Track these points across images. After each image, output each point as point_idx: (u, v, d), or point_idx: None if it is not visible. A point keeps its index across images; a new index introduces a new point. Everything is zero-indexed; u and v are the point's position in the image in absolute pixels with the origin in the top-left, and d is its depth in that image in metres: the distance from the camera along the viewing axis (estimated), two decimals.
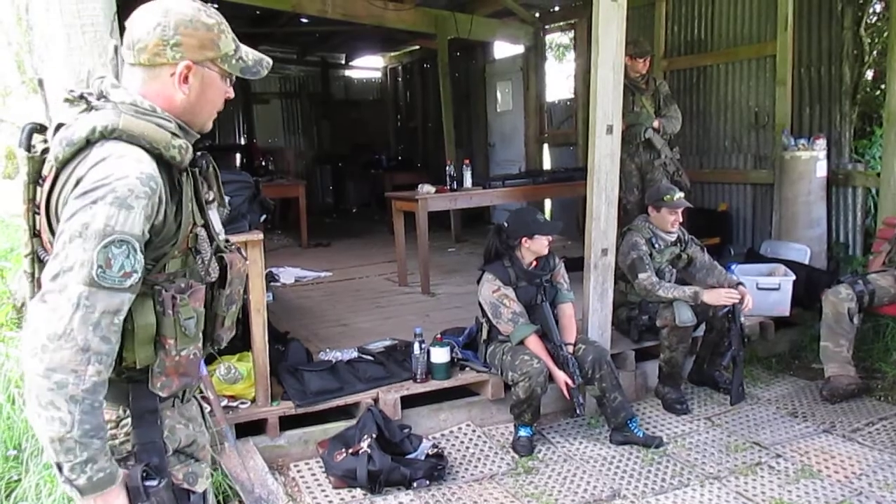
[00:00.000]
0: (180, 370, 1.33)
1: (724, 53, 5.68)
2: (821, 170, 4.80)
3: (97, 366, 1.15)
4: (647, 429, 3.43)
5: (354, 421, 3.17)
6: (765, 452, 3.21)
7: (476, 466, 3.13)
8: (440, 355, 3.40)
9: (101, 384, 1.16)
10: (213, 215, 1.42)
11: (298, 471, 3.07)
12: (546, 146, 8.07)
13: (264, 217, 3.32)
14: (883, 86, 4.83)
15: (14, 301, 3.40)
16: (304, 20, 7.61)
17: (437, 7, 7.10)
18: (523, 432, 3.27)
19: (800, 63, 5.10)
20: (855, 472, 3.00)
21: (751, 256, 5.04)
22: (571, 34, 8.09)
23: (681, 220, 3.83)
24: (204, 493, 1.45)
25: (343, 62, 11.35)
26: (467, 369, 3.54)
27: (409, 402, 3.36)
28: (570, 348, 3.29)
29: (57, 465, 1.17)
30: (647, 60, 5.02)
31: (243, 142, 10.34)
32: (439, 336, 3.57)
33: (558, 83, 9.76)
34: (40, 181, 1.27)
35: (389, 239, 6.20)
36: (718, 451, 3.23)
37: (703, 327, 3.76)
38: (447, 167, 5.61)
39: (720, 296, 3.50)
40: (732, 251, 5.24)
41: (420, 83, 10.45)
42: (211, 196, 1.41)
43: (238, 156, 9.56)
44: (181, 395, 1.41)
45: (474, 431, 3.39)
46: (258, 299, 2.99)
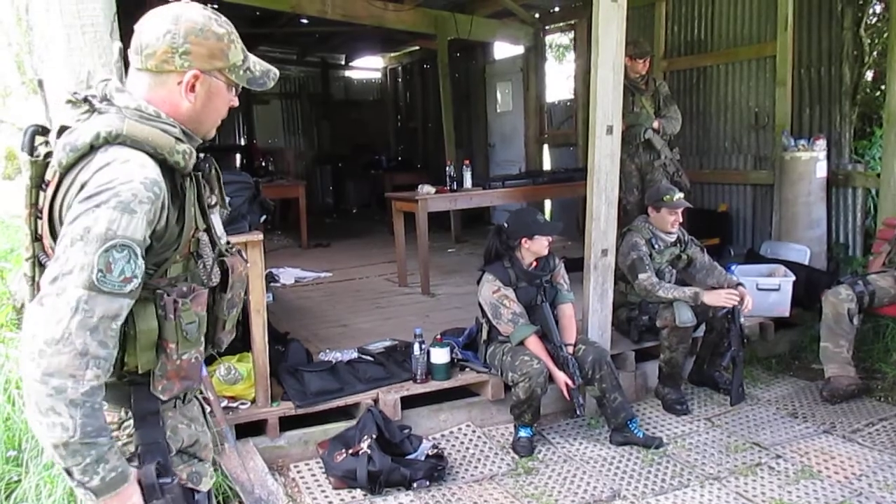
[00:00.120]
0: (181, 374, 1.32)
1: (724, 54, 5.68)
2: (821, 170, 4.80)
3: (95, 370, 1.13)
4: (647, 429, 3.43)
5: (354, 421, 3.17)
6: (765, 453, 3.21)
7: (476, 467, 3.13)
8: (440, 356, 3.40)
9: (100, 388, 1.15)
10: (216, 219, 1.41)
11: (298, 471, 3.07)
12: (546, 147, 8.08)
13: (264, 218, 3.32)
14: (883, 86, 4.83)
15: (14, 302, 3.39)
16: (304, 21, 7.61)
17: (437, 7, 7.10)
18: (523, 433, 3.27)
19: (800, 63, 5.10)
20: (855, 473, 3.00)
21: (751, 257, 5.04)
22: (571, 35, 8.10)
23: (681, 221, 3.83)
24: (208, 493, 1.45)
25: (343, 63, 11.34)
26: (467, 370, 3.54)
27: (409, 403, 3.36)
28: (570, 349, 3.29)
29: (66, 471, 1.15)
30: (647, 61, 5.02)
31: (243, 142, 10.33)
32: (439, 336, 3.57)
33: (558, 84, 9.75)
34: (43, 186, 1.26)
35: (389, 239, 6.20)
36: (718, 452, 3.23)
37: (703, 328, 3.76)
38: (447, 168, 5.61)
39: (720, 297, 3.50)
40: (732, 252, 5.23)
41: (420, 84, 10.45)
42: (213, 200, 1.40)
43: (238, 156, 9.56)
44: (182, 396, 1.41)
45: (474, 432, 3.39)
46: (258, 300, 2.99)
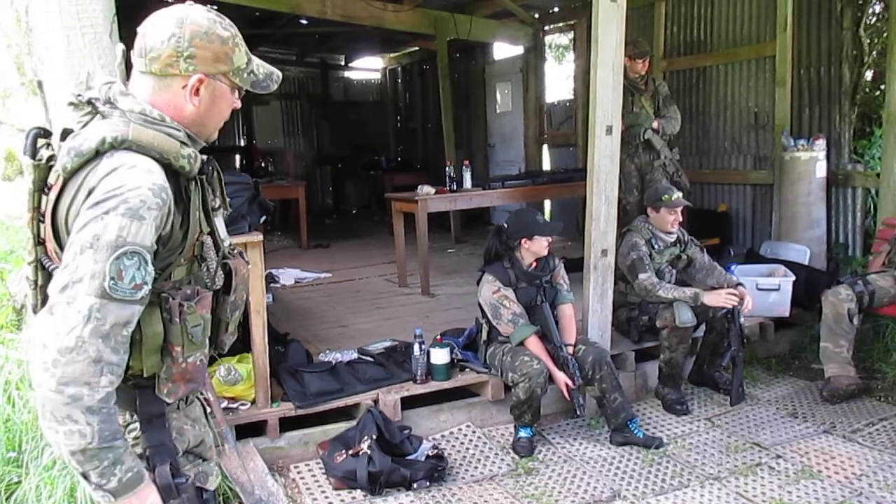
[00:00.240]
0: (187, 377, 1.33)
1: (724, 54, 5.68)
2: (820, 170, 4.80)
3: (109, 376, 1.15)
4: (647, 429, 3.43)
5: (354, 422, 3.17)
6: (765, 453, 3.21)
7: (476, 467, 3.13)
8: (440, 356, 3.40)
9: (113, 393, 1.17)
10: (219, 222, 1.41)
11: (298, 472, 3.07)
12: (546, 147, 8.08)
13: (264, 218, 3.31)
14: (882, 86, 4.83)
15: (14, 303, 3.40)
16: (304, 21, 7.61)
17: (437, 8, 7.09)
18: (523, 433, 3.27)
19: (799, 64, 5.10)
20: (855, 473, 3.00)
21: (750, 257, 5.04)
22: (571, 35, 8.10)
23: (680, 220, 3.83)
24: (214, 492, 1.46)
25: (342, 63, 11.34)
26: (467, 370, 3.53)
27: (409, 403, 3.36)
28: (570, 349, 3.29)
29: (83, 475, 1.16)
30: (647, 61, 5.02)
31: (243, 143, 10.33)
32: (439, 337, 3.57)
33: (558, 84, 9.75)
34: (45, 189, 1.26)
35: (389, 240, 6.20)
36: (718, 452, 3.23)
37: (703, 328, 3.76)
38: (447, 168, 5.61)
39: (720, 297, 3.50)
40: (732, 252, 5.23)
41: (420, 84, 10.45)
42: (217, 203, 1.40)
43: (238, 157, 9.57)
44: (185, 398, 1.42)
45: (474, 432, 3.39)
46: (258, 301, 2.99)
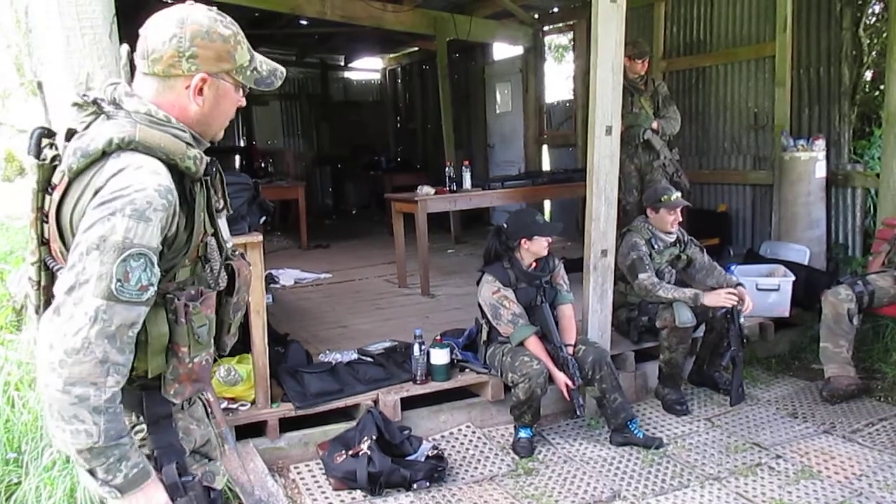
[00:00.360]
0: (193, 377, 1.33)
1: (723, 54, 5.68)
2: (820, 171, 4.80)
3: (116, 376, 1.16)
4: (647, 430, 3.43)
5: (354, 423, 3.17)
6: (765, 453, 3.21)
7: (476, 468, 3.13)
8: (440, 357, 3.40)
9: (119, 393, 1.18)
10: (222, 223, 1.41)
11: (298, 473, 3.07)
12: (545, 147, 8.08)
13: (264, 219, 3.32)
14: (882, 86, 4.83)
15: (14, 304, 3.39)
16: (304, 22, 7.61)
17: (436, 8, 7.10)
18: (523, 433, 3.27)
19: (799, 64, 5.11)
20: (855, 473, 3.00)
21: (750, 257, 5.04)
22: (570, 35, 8.10)
23: (680, 220, 3.83)
24: (220, 492, 1.47)
25: (342, 64, 11.34)
26: (467, 371, 3.53)
27: (409, 404, 3.36)
28: (570, 349, 3.29)
29: (90, 472, 1.18)
30: (646, 61, 5.02)
31: (243, 144, 10.33)
32: (439, 337, 3.57)
33: (557, 84, 9.75)
34: (49, 189, 1.25)
35: (389, 240, 6.20)
36: (718, 452, 3.23)
37: (703, 328, 3.76)
38: (446, 168, 5.60)
39: (720, 297, 3.50)
40: (732, 252, 5.23)
41: (419, 84, 10.45)
42: (221, 204, 1.40)
43: (238, 158, 9.57)
44: (190, 399, 1.42)
45: (474, 433, 3.39)
46: (258, 301, 2.99)
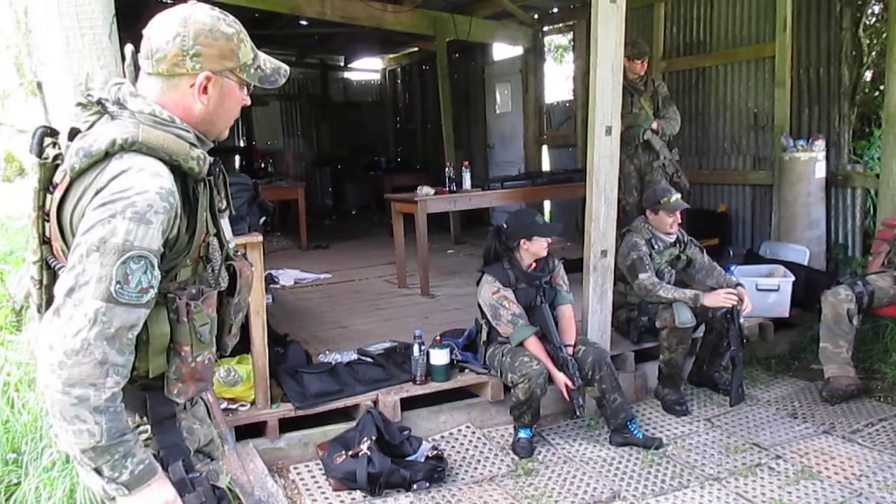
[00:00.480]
0: (196, 376, 1.33)
1: (723, 55, 5.68)
2: (820, 171, 4.80)
3: (115, 377, 1.16)
4: (647, 430, 3.43)
5: (354, 423, 3.17)
6: (764, 453, 3.21)
7: (476, 468, 3.13)
8: (440, 357, 3.40)
9: (120, 392, 1.18)
10: (225, 223, 1.41)
11: (298, 473, 3.07)
12: (545, 147, 8.08)
13: (263, 219, 3.32)
14: (881, 87, 4.84)
15: (13, 304, 3.40)
16: (304, 22, 7.61)
17: (436, 9, 7.10)
18: (523, 434, 3.27)
19: (798, 64, 5.11)
20: (855, 473, 3.00)
21: (750, 257, 5.04)
22: (570, 36, 8.10)
23: (679, 221, 3.83)
24: (224, 490, 1.47)
25: (342, 64, 11.35)
26: (467, 371, 3.53)
27: (409, 404, 3.36)
28: (570, 350, 3.29)
29: (96, 471, 1.18)
30: (646, 62, 5.02)
31: (242, 144, 10.34)
32: (439, 338, 3.57)
33: (557, 84, 9.74)
34: (50, 188, 1.25)
35: (389, 241, 6.20)
36: (718, 453, 3.23)
37: (703, 328, 3.76)
38: (446, 169, 5.60)
39: (720, 297, 3.50)
40: (732, 252, 5.24)
41: (419, 85, 10.45)
42: (224, 204, 1.40)
43: (237, 158, 9.57)
44: (192, 398, 1.43)
45: (474, 433, 3.39)
46: (257, 301, 2.98)
